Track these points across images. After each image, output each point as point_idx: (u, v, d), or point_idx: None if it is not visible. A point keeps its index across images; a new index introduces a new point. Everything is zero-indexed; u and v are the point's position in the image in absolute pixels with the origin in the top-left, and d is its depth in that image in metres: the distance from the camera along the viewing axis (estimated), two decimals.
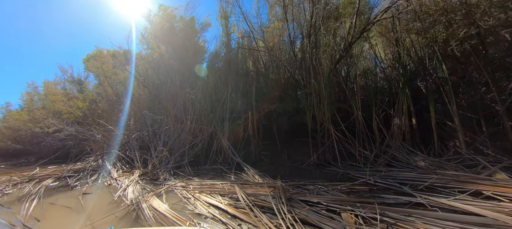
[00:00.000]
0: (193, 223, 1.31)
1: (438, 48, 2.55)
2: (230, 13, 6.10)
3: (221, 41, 6.80)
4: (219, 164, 3.55)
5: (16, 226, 1.55)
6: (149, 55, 7.44)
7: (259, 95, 4.70)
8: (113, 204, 1.86)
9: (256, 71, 5.64)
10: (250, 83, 4.80)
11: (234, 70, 5.43)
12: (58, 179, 2.80)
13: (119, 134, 4.35)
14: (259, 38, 5.48)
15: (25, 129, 8.71)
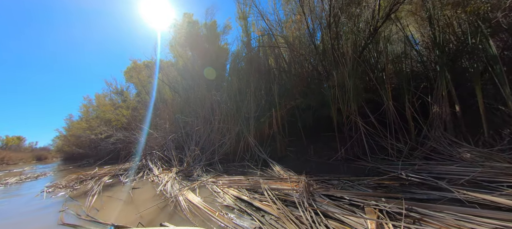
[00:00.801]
0: (222, 214, 1.45)
1: (482, 21, 2.23)
2: (248, 13, 6.21)
3: (242, 42, 6.98)
4: (247, 161, 3.71)
5: (81, 215, 1.90)
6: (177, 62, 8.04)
7: (282, 92, 4.72)
8: (156, 197, 2.15)
9: (278, 67, 5.66)
10: (272, 80, 4.84)
11: (256, 69, 5.54)
12: (112, 176, 3.33)
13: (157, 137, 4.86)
14: (278, 34, 5.47)
15: (84, 136, 10.26)
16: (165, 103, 7.32)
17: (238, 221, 1.32)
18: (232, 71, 6.46)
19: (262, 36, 6.33)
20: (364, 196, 1.36)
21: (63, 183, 3.27)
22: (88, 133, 9.18)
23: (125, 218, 1.70)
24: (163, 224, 1.48)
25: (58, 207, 2.23)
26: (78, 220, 1.79)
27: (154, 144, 4.66)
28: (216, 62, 7.13)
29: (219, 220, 1.37)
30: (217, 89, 5.61)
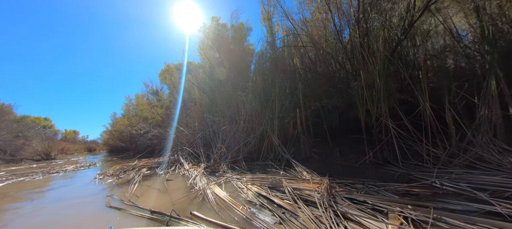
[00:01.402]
0: (245, 208, 1.55)
1: None
2: (273, 13, 6.25)
3: (266, 42, 7.05)
4: (270, 160, 3.77)
5: (124, 200, 2.19)
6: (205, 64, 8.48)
7: (306, 92, 4.66)
8: (187, 189, 2.37)
9: (303, 67, 5.59)
10: (297, 80, 4.81)
11: (280, 69, 5.56)
12: (150, 168, 3.72)
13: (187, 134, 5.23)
14: (303, 33, 5.40)
15: (126, 131, 11.48)
16: (194, 103, 7.79)
17: (260, 215, 1.41)
18: (256, 72, 6.59)
19: (286, 36, 6.33)
20: (389, 202, 1.31)
21: (110, 172, 3.78)
22: (129, 129, 10.26)
23: (161, 205, 1.92)
24: (193, 212, 1.64)
25: (106, 193, 2.60)
26: (121, 205, 2.08)
27: (185, 141, 5.03)
28: (241, 62, 7.33)
29: (242, 213, 1.47)
30: (243, 89, 5.78)
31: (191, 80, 9.21)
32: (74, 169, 5.80)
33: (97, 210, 2.04)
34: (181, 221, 1.52)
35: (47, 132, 22.24)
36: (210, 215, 1.54)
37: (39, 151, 11.36)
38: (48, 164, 8.30)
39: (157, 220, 1.62)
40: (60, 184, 3.61)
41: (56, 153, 13.49)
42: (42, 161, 10.29)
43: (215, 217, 1.50)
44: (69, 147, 22.42)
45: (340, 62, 4.47)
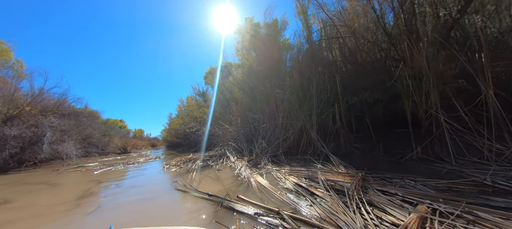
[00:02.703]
0: (283, 193, 1.80)
1: None
2: (307, 6, 6.17)
3: (302, 35, 6.99)
4: (309, 155, 3.89)
5: (186, 185, 2.72)
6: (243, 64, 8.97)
7: (346, 85, 4.54)
8: (234, 177, 2.79)
9: (342, 59, 5.40)
10: (335, 74, 4.71)
11: (318, 62, 5.52)
12: (203, 161, 4.38)
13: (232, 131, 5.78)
14: (341, 24, 5.21)
15: (180, 129, 13.17)
16: (236, 102, 8.41)
17: (295, 199, 1.64)
18: (293, 68, 6.65)
19: (323, 28, 6.17)
20: (421, 195, 1.33)
21: (173, 163, 4.60)
22: (182, 127, 11.77)
23: (215, 189, 2.36)
24: (239, 196, 1.99)
25: (172, 179, 3.25)
26: (185, 188, 2.61)
27: (230, 137, 5.59)
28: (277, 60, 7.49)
29: (280, 197, 1.73)
30: (280, 86, 5.98)
31: (231, 81, 9.91)
32: (145, 161, 7.14)
33: (169, 191, 2.63)
34: (231, 203, 1.88)
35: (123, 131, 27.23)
36: (253, 198, 1.85)
37: (119, 146, 14.21)
38: (126, 157, 10.37)
39: (213, 200, 2.03)
40: (137, 172, 4.61)
41: (130, 147, 16.57)
42: (121, 154, 12.88)
43: (257, 200, 1.81)
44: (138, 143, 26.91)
45: (383, 51, 4.19)
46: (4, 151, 5.25)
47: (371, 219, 1.09)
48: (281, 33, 8.30)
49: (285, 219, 1.35)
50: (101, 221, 1.71)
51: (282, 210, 1.44)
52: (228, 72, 11.18)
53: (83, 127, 8.96)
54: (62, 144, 6.46)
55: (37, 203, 2.46)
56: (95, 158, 9.43)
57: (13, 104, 6.38)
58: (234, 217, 1.50)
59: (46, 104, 7.61)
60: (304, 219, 1.29)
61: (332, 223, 1.15)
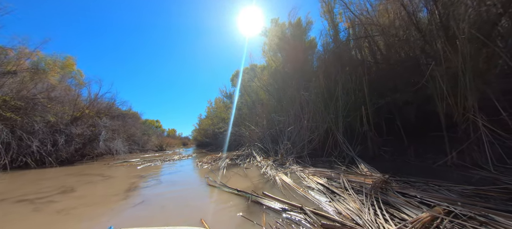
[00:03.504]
0: (305, 190, 1.95)
1: None
2: (334, 4, 6.09)
3: (329, 35, 6.89)
4: (334, 157, 3.91)
5: (216, 181, 3.02)
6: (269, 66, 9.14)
7: (374, 86, 4.41)
8: (260, 176, 3.01)
9: (372, 58, 5.23)
10: (362, 74, 4.60)
11: (344, 62, 5.43)
12: (231, 159, 4.72)
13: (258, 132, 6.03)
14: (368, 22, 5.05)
15: (209, 129, 13.97)
16: (261, 104, 8.65)
17: (316, 196, 1.77)
18: (319, 69, 6.61)
19: (350, 28, 6.02)
20: (442, 199, 1.34)
21: (204, 161, 5.04)
22: (211, 128, 12.49)
23: (243, 185, 2.61)
24: (264, 192, 2.19)
25: (204, 175, 3.61)
26: (215, 184, 2.92)
27: (256, 138, 5.85)
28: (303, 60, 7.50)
29: (302, 193, 1.89)
30: (306, 88, 6.02)
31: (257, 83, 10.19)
32: (179, 158, 7.84)
33: (202, 186, 2.97)
34: (257, 198, 2.09)
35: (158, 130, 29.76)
36: (277, 195, 2.03)
37: (156, 144, 15.68)
38: (162, 154, 11.44)
39: (241, 195, 2.27)
40: (173, 169, 5.15)
41: (165, 145, 18.12)
42: (158, 152, 14.21)
43: (281, 196, 1.99)
44: (171, 141, 29.14)
45: (415, 50, 3.97)
46: (71, 146, 6.37)
47: (382, 215, 1.19)
48: (306, 33, 8.27)
49: (308, 214, 1.51)
50: (147, 210, 1.96)
51: (304, 206, 1.60)
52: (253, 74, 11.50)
53: (128, 127, 10.21)
54: (113, 141, 7.52)
55: (95, 193, 2.80)
56: (137, 154, 10.64)
57: (76, 108, 7.65)
58: (260, 210, 1.71)
59: (100, 107, 8.91)
60: (324, 213, 1.43)
61: (347, 216, 1.27)
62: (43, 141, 5.47)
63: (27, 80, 6.09)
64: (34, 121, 5.44)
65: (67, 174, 4.68)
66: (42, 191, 2.94)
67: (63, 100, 7.07)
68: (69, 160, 6.49)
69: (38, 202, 2.39)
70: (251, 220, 1.51)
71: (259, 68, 11.55)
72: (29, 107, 5.46)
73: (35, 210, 2.08)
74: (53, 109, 6.17)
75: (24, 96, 5.55)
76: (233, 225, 1.46)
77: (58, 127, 6.10)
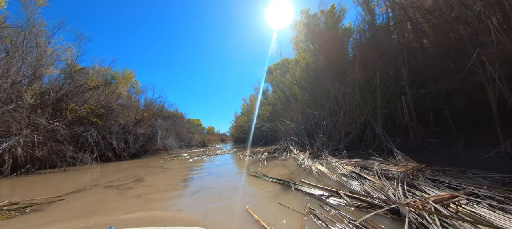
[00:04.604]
0: (338, 176, 2.18)
1: None
2: None
3: (364, 21, 6.58)
4: (372, 150, 3.91)
5: (258, 172, 3.42)
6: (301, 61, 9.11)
7: (416, 74, 4.17)
8: (297, 166, 3.32)
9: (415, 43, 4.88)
10: (402, 62, 4.38)
11: (385, 49, 5.20)
12: (269, 153, 5.12)
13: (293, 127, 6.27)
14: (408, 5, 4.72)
15: (245, 125, 14.72)
16: (295, 99, 8.79)
17: (348, 181, 1.99)
18: (354, 60, 6.40)
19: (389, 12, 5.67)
20: (470, 184, 1.40)
21: (245, 154, 5.58)
22: (247, 124, 13.17)
23: (282, 174, 2.96)
24: (302, 180, 2.49)
25: (246, 167, 4.08)
26: (256, 174, 3.32)
27: (292, 132, 6.11)
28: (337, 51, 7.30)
29: (335, 178, 2.12)
30: (341, 82, 5.96)
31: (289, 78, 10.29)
32: (221, 153, 8.66)
33: (245, 176, 3.41)
34: (295, 185, 2.40)
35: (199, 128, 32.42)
36: (313, 182, 2.31)
37: (199, 141, 17.31)
38: (205, 149, 12.66)
39: (280, 183, 2.60)
40: (218, 162, 5.83)
41: (206, 141, 19.81)
42: (201, 147, 15.70)
43: (316, 182, 2.26)
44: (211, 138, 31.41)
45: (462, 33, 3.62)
46: (137, 143, 7.75)
47: (403, 193, 1.36)
48: (341, 19, 7.97)
49: (342, 196, 1.76)
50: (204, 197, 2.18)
51: (339, 190, 1.84)
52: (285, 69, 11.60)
53: (177, 126, 11.64)
54: (167, 139, 8.80)
55: (160, 182, 3.16)
56: (185, 150, 12.04)
57: (137, 112, 9.17)
58: (297, 195, 2.01)
59: (154, 110, 10.43)
60: (355, 195, 1.66)
61: (373, 194, 1.47)
62: (118, 139, 6.86)
63: (103, 92, 7.66)
64: (111, 124, 6.85)
65: (136, 166, 5.75)
66: (121, 180, 3.54)
67: (128, 106, 8.59)
68: (136, 154, 7.91)
69: (121, 188, 2.90)
70: (288, 207, 1.65)
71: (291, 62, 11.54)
72: (107, 113, 6.90)
73: (120, 194, 2.52)
74: (123, 114, 7.60)
75: (104, 105, 7.02)
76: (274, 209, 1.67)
77: (128, 128, 7.52)
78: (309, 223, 1.32)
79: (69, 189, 2.94)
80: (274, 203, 1.81)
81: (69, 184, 3.46)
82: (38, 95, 4.99)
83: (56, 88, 5.74)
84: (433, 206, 1.06)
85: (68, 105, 5.87)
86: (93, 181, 3.61)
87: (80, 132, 5.72)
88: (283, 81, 11.45)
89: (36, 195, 2.54)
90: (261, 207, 1.74)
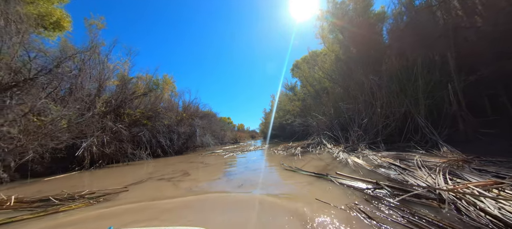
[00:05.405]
0: (376, 167, 2.22)
1: None
2: None
3: (400, 3, 6.10)
4: (413, 142, 3.73)
5: (292, 166, 3.58)
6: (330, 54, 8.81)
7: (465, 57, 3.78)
8: (332, 159, 3.39)
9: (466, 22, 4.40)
10: (446, 46, 4.01)
11: (427, 32, 4.81)
12: (302, 147, 5.25)
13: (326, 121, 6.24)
14: None
15: (276, 122, 14.89)
16: (326, 93, 8.61)
17: (385, 171, 2.04)
18: (390, 47, 6.00)
19: None
20: None
21: (278, 149, 5.80)
22: (278, 120, 13.32)
23: (318, 168, 3.08)
24: (337, 172, 2.59)
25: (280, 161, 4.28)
26: (291, 168, 3.49)
27: (324, 127, 6.09)
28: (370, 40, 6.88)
29: (372, 169, 2.18)
30: (375, 72, 5.68)
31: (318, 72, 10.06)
32: (254, 149, 9.04)
33: (280, 169, 3.62)
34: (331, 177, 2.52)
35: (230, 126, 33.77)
36: (348, 173, 2.40)
37: (231, 138, 18.15)
38: (238, 146, 13.26)
39: (314, 176, 2.73)
40: (253, 157, 6.15)
41: (238, 138, 20.63)
42: (234, 144, 16.47)
43: (352, 174, 2.34)
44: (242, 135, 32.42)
45: None
46: (179, 141, 8.65)
47: (444, 180, 1.38)
48: (371, 3, 7.48)
49: (383, 187, 1.82)
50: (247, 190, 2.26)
51: (379, 181, 1.90)
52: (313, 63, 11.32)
53: (211, 124, 12.49)
54: (204, 136, 9.58)
55: (203, 176, 3.37)
56: (220, 147, 12.83)
57: (177, 113, 10.15)
58: (333, 186, 2.13)
59: (191, 111, 11.38)
60: (397, 186, 1.71)
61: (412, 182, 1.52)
62: (164, 138, 7.78)
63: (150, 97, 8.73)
64: (158, 125, 7.80)
65: (180, 162, 6.44)
66: (171, 173, 3.86)
67: (170, 109, 9.59)
68: (179, 151, 8.83)
69: (172, 180, 3.17)
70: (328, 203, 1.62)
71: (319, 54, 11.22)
72: (155, 116, 7.88)
73: (173, 186, 2.74)
74: (166, 116, 8.55)
75: (151, 108, 8.03)
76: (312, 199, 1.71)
77: (171, 127, 8.45)
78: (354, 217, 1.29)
79: (131, 181, 3.42)
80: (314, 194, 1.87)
81: (131, 176, 4.04)
82: (104, 103, 6.02)
83: (115, 96, 6.82)
84: (475, 190, 1.10)
85: (125, 110, 6.91)
86: (148, 174, 4.14)
87: (135, 132, 6.70)
88: (312, 75, 11.23)
89: (107, 185, 3.07)
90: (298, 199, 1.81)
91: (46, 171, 4.56)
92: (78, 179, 4.02)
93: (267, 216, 1.45)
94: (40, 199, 2.30)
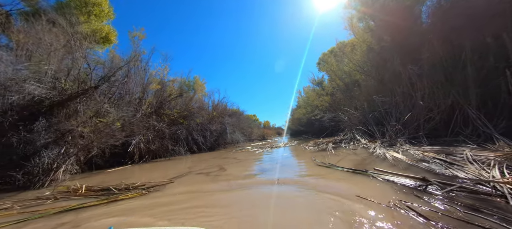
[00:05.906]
0: (418, 162, 2.14)
1: None
2: None
3: None
4: (462, 136, 3.41)
5: (324, 162, 3.56)
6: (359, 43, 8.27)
7: None
8: (370, 154, 3.31)
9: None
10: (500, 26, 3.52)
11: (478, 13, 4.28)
12: (334, 143, 5.16)
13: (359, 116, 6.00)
14: None
15: (303, 118, 14.68)
16: (357, 86, 8.20)
17: (428, 165, 1.95)
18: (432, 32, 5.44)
19: None
20: None
21: (309, 145, 5.79)
22: (305, 116, 13.13)
23: (355, 163, 3.04)
24: (375, 168, 2.55)
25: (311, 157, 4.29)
26: (323, 164, 3.48)
27: (357, 121, 5.87)
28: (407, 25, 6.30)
29: (414, 163, 2.10)
30: (414, 61, 5.23)
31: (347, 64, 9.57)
32: (283, 145, 9.11)
33: (312, 164, 3.63)
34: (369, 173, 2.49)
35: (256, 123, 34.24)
36: (387, 169, 2.34)
37: (259, 135, 18.45)
38: (266, 142, 13.45)
39: (350, 172, 2.71)
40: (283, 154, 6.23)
41: (265, 135, 20.87)
42: (262, 141, 16.74)
43: (391, 169, 2.27)
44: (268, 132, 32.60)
45: None
46: (212, 138, 9.20)
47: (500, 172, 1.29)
48: None
49: (432, 183, 1.74)
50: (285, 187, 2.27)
51: (427, 177, 1.80)
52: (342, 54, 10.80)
53: (240, 122, 12.92)
54: (234, 134, 10.00)
55: (238, 171, 3.45)
56: (249, 143, 13.19)
57: (208, 112, 10.76)
58: (372, 182, 2.10)
59: (220, 109, 11.94)
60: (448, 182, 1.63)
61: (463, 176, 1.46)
62: (198, 135, 8.38)
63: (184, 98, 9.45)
64: (192, 123, 8.42)
65: (214, 157, 6.81)
66: (208, 168, 4.03)
67: (201, 108, 10.23)
68: (211, 147, 9.40)
69: (210, 175, 3.35)
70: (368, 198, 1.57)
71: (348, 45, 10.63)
72: (189, 115, 8.52)
73: (212, 180, 2.89)
74: (199, 115, 9.17)
75: (185, 108, 8.70)
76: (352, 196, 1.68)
77: (204, 126, 9.03)
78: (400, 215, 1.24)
79: (173, 174, 3.71)
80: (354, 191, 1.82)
81: (172, 170, 4.39)
82: (149, 105, 6.75)
83: (155, 98, 7.58)
84: None
85: (164, 111, 7.63)
86: (187, 169, 4.43)
87: (174, 130, 7.36)
88: (341, 68, 10.75)
89: (154, 178, 3.41)
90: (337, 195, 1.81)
91: (105, 164, 5.35)
92: (130, 172, 4.61)
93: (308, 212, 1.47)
94: (102, 189, 2.68)
